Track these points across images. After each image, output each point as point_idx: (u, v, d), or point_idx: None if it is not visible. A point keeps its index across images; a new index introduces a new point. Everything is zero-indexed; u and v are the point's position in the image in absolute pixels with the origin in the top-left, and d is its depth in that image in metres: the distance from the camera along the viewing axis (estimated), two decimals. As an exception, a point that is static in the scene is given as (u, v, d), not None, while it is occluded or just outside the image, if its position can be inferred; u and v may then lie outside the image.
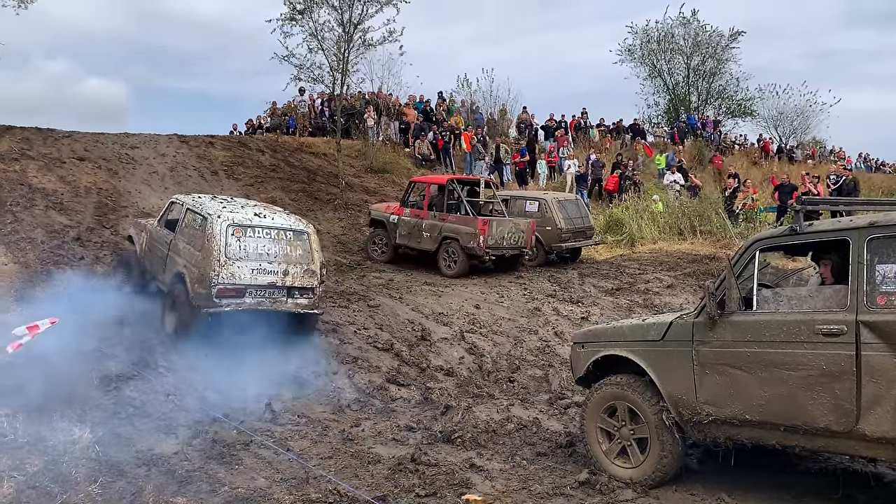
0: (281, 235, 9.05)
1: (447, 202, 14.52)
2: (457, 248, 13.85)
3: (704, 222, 17.68)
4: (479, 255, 13.65)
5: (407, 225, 14.57)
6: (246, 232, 8.80)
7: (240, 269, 8.62)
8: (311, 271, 9.13)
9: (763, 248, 4.95)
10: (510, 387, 8.78)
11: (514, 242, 14.16)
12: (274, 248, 8.92)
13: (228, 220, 8.77)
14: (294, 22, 18.01)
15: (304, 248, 9.20)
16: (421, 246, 14.47)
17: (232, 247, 8.63)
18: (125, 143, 19.33)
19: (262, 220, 9.09)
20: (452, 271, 13.82)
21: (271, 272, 8.82)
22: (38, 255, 11.98)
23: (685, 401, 5.13)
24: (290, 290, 8.96)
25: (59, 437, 6.26)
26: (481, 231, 13.44)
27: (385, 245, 15.07)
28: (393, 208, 15.11)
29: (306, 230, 9.39)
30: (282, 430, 7.05)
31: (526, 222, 14.55)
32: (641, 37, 34.76)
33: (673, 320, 5.31)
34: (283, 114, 25.29)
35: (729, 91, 35.45)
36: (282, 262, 8.91)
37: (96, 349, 8.30)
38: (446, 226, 14.05)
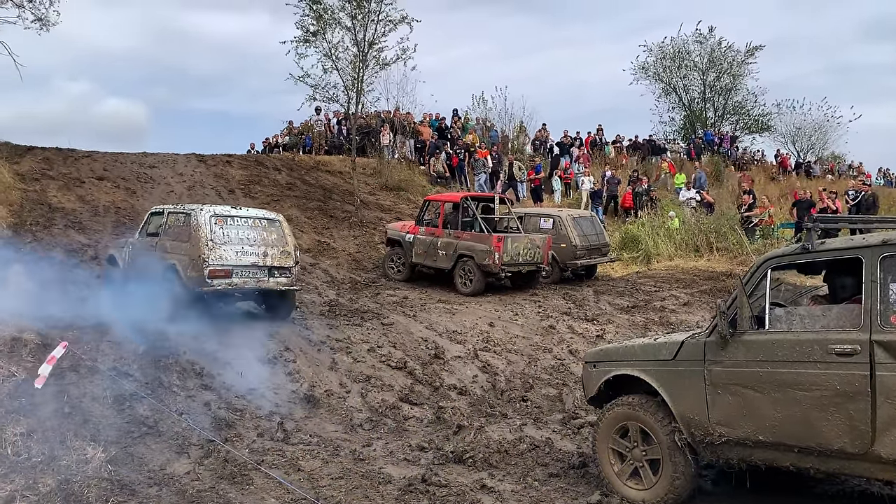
0: (256, 223, 10.36)
1: (462, 220, 14.55)
2: (472, 265, 13.84)
3: (721, 239, 17.57)
4: (494, 272, 13.64)
5: (423, 244, 14.60)
6: (227, 221, 10.07)
7: (226, 252, 9.82)
8: (286, 252, 10.38)
9: (775, 267, 4.90)
10: (523, 406, 8.72)
11: (531, 258, 14.12)
12: (252, 234, 10.19)
13: (211, 212, 10.09)
14: (308, 44, 18.22)
15: (278, 233, 10.48)
16: (437, 264, 14.50)
17: (217, 234, 9.87)
18: (144, 163, 19.61)
19: (239, 212, 10.52)
20: (468, 289, 13.79)
21: (253, 254, 10.05)
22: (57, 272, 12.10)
23: (697, 421, 5.06)
24: (270, 270, 10.18)
25: (72, 457, 6.29)
26: (496, 248, 13.42)
27: (402, 264, 15.11)
28: (409, 227, 15.18)
29: (277, 218, 10.74)
30: (293, 449, 7.03)
31: (542, 238, 14.51)
32: (656, 54, 34.78)
33: (685, 339, 5.26)
34: (300, 133, 25.52)
35: (746, 107, 35.31)
36: (260, 245, 10.16)
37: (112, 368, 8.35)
38: (461, 243, 14.07)
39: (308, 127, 25.14)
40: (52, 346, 8.45)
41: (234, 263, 9.88)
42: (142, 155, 20.29)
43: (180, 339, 9.27)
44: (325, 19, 18.12)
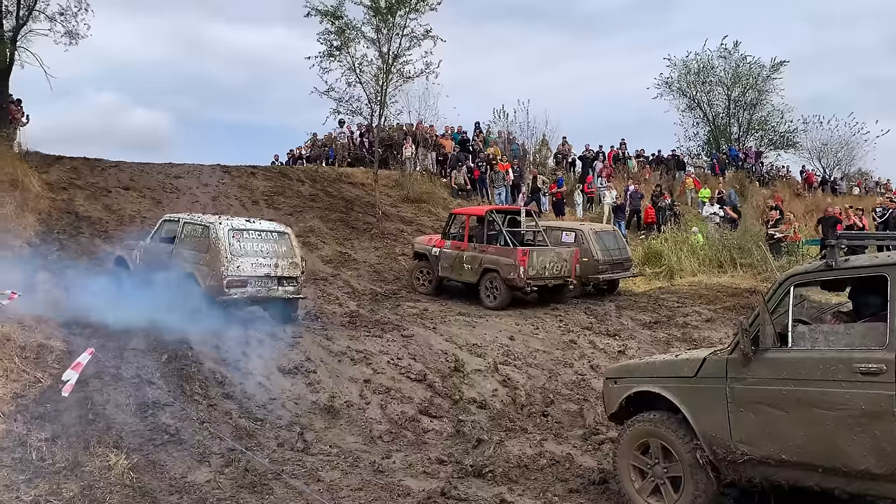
0: (269, 236, 11.10)
1: (487, 233, 14.43)
2: (497, 279, 13.70)
3: (745, 255, 17.41)
4: (519, 286, 13.52)
5: (448, 257, 14.54)
6: (243, 234, 10.74)
7: (243, 264, 10.49)
8: (294, 263, 11.15)
9: (798, 284, 4.86)
10: (544, 421, 8.68)
11: (557, 272, 13.99)
12: (265, 247, 10.90)
13: (229, 226, 10.71)
14: (332, 58, 18.39)
15: (287, 245, 11.22)
16: (462, 278, 14.43)
17: (234, 246, 10.51)
18: (169, 173, 19.86)
19: (253, 225, 11.21)
20: (494, 303, 13.68)
21: (266, 265, 10.77)
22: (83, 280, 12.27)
23: (719, 439, 5.02)
24: (279, 280, 10.93)
25: (95, 463, 6.37)
26: (521, 262, 13.32)
27: (428, 278, 15.05)
28: (435, 241, 15.11)
29: (287, 231, 11.52)
30: (313, 460, 7.06)
31: (569, 251, 14.38)
32: (680, 69, 34.66)
33: (706, 356, 5.22)
34: (324, 145, 25.72)
35: (771, 122, 35.05)
36: (272, 257, 10.88)
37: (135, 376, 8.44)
38: (486, 257, 13.97)
39: (331, 139, 25.33)
40: (77, 353, 8.58)
41: (249, 274, 10.55)
42: (168, 165, 20.54)
43: (200, 344, 9.37)
44: (348, 34, 18.30)
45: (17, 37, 18.57)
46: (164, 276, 10.79)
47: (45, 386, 7.69)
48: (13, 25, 18.53)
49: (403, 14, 18.27)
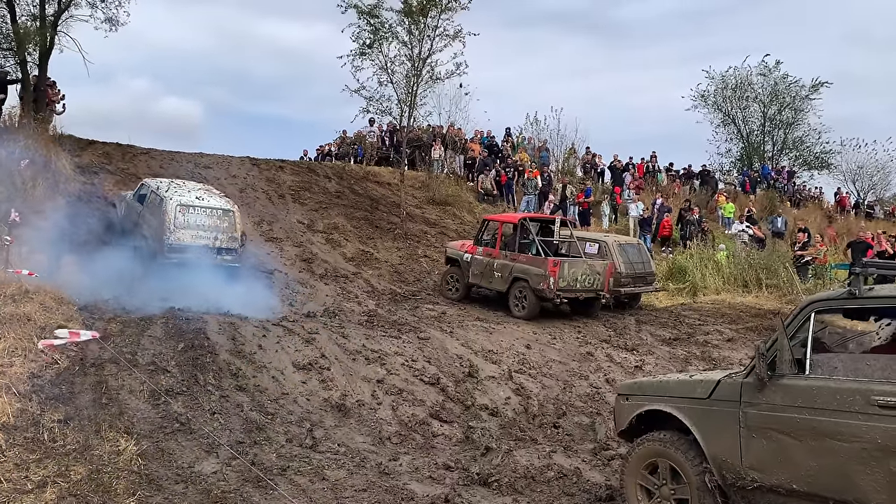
0: (213, 213, 12.83)
1: (520, 241, 14.21)
2: (527, 289, 13.47)
3: (771, 275, 17.14)
4: (549, 297, 13.27)
5: (479, 264, 14.39)
6: (189, 210, 12.55)
7: (183, 235, 12.38)
8: (234, 237, 12.95)
9: (819, 311, 4.74)
10: (554, 433, 8.59)
11: (589, 285, 13.71)
12: (208, 221, 12.70)
13: (178, 202, 12.53)
14: (364, 56, 18.45)
15: (230, 221, 12.97)
16: (492, 286, 14.25)
17: (178, 220, 12.41)
18: (199, 163, 20.05)
19: (201, 203, 12.83)
20: (522, 313, 13.47)
21: (205, 237, 12.60)
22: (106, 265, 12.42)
23: (729, 464, 4.92)
24: (218, 250, 12.69)
25: (105, 447, 6.42)
26: (551, 272, 13.08)
27: (458, 284, 14.91)
28: (467, 246, 14.97)
29: (231, 209, 13.19)
30: (320, 457, 7.05)
31: (602, 263, 14.14)
32: (717, 83, 34.28)
33: (721, 378, 5.12)
34: (353, 142, 25.80)
35: (807, 142, 34.52)
36: (213, 231, 12.70)
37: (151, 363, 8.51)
38: (517, 266, 13.77)
39: (360, 137, 25.41)
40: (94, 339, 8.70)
41: (188, 244, 12.44)
42: (197, 155, 20.75)
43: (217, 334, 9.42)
44: (382, 33, 18.35)
45: (59, 22, 18.88)
46: (133, 230, 13.23)
47: (62, 367, 7.78)
48: (55, 10, 18.85)
49: (435, 14, 18.28)
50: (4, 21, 18.76)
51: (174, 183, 13.70)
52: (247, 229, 16.28)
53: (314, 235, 17.24)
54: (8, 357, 7.53)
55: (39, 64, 18.85)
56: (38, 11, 18.75)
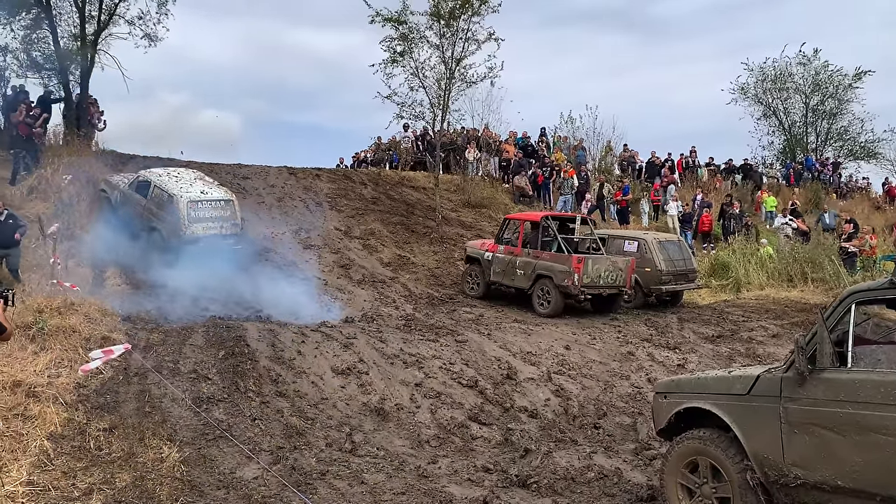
0: (217, 204, 14.27)
1: (542, 239, 14.34)
2: (550, 286, 13.63)
3: (816, 269, 16.71)
4: (573, 293, 13.43)
5: (501, 262, 14.55)
6: (197, 205, 14.01)
7: (196, 228, 13.80)
8: (236, 224, 14.38)
9: (860, 301, 4.60)
10: (595, 433, 8.49)
11: (612, 281, 13.81)
12: (214, 213, 14.14)
13: (187, 199, 13.91)
14: (395, 63, 18.55)
15: (231, 210, 14.41)
16: (515, 283, 14.40)
17: (191, 215, 13.80)
18: (238, 174, 20.36)
19: (206, 196, 14.30)
20: (546, 310, 13.64)
21: (214, 227, 14.00)
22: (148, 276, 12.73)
23: (771, 461, 4.80)
24: (224, 237, 14.01)
25: (148, 454, 6.55)
26: (576, 269, 13.21)
27: (479, 281, 15.11)
28: (488, 245, 15.14)
29: (231, 199, 14.68)
30: (359, 461, 7.09)
31: (625, 260, 14.16)
32: (757, 75, 33.64)
33: (760, 374, 5.00)
34: (388, 148, 25.94)
35: (852, 132, 33.65)
36: (219, 221, 14.11)
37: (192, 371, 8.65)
38: (540, 263, 13.91)
39: (395, 143, 25.54)
40: (138, 347, 8.88)
41: (201, 235, 13.79)
42: (236, 166, 21.06)
43: (257, 341, 9.53)
44: (412, 39, 18.43)
45: (99, 40, 19.38)
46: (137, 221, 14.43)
47: (107, 377, 7.96)
48: (95, 29, 19.34)
49: (466, 18, 18.29)
50: (47, 42, 19.34)
51: (173, 176, 14.98)
52: (285, 237, 16.58)
53: (351, 242, 17.37)
54: (55, 368, 7.74)
55: (81, 82, 19.38)
56: (78, 31, 19.28)
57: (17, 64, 19.63)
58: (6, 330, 5.65)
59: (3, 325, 5.59)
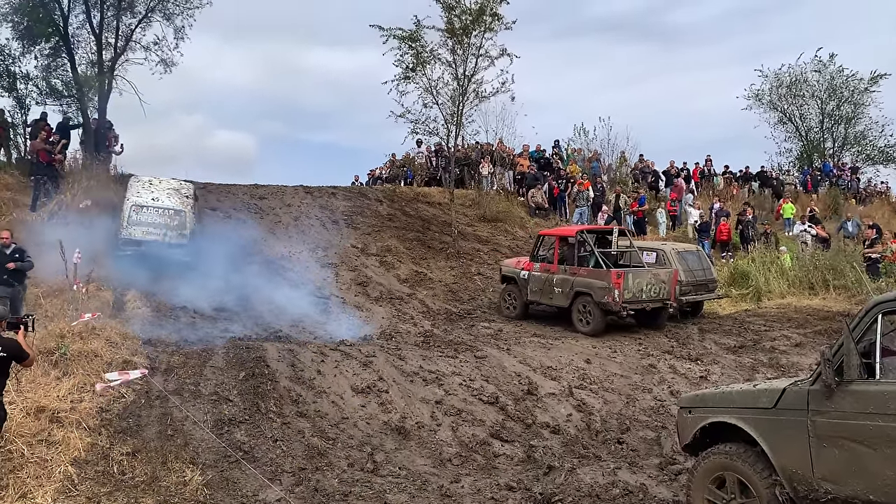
0: (165, 212, 14.61)
1: (578, 254, 13.90)
2: (590, 303, 13.15)
3: (838, 276, 16.49)
4: (615, 310, 12.97)
5: (538, 280, 14.15)
6: (142, 210, 14.47)
7: (135, 231, 14.33)
8: (183, 234, 14.64)
9: (886, 312, 4.53)
10: (619, 448, 8.41)
11: (655, 295, 13.45)
12: (160, 220, 14.51)
13: (133, 203, 14.53)
14: (408, 80, 18.63)
15: (181, 220, 14.67)
16: (553, 302, 14.00)
17: (132, 218, 14.38)
18: (254, 194, 20.50)
19: (154, 203, 14.65)
20: (588, 328, 13.22)
21: (156, 234, 14.40)
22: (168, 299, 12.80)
23: (800, 475, 4.72)
24: (168, 245, 14.39)
25: (171, 478, 6.55)
26: (616, 284, 12.77)
27: (516, 301, 14.73)
28: (523, 263, 14.73)
29: (183, 209, 14.84)
30: (382, 481, 7.06)
31: (667, 272, 13.85)
32: (772, 81, 33.48)
33: (786, 387, 4.94)
34: (402, 165, 26.03)
35: (870, 137, 33.35)
36: (163, 228, 14.47)
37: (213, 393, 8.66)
38: (578, 280, 13.47)
39: (409, 159, 25.62)
40: (159, 370, 8.92)
41: (140, 238, 14.33)
42: (252, 187, 21.22)
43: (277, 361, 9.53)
44: (424, 57, 18.50)
45: (115, 67, 19.65)
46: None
47: (129, 401, 7.98)
48: (112, 56, 19.63)
49: (479, 34, 18.36)
50: (65, 70, 19.64)
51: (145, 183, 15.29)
52: (302, 256, 16.64)
53: (368, 259, 17.40)
54: (78, 393, 7.77)
55: (99, 108, 19.63)
56: (95, 58, 19.56)
57: (38, 91, 20.00)
58: (28, 356, 5.73)
59: (25, 351, 5.66)
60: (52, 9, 19.14)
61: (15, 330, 5.76)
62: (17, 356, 5.62)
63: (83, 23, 19.66)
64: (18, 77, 19.75)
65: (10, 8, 18.86)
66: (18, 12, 18.92)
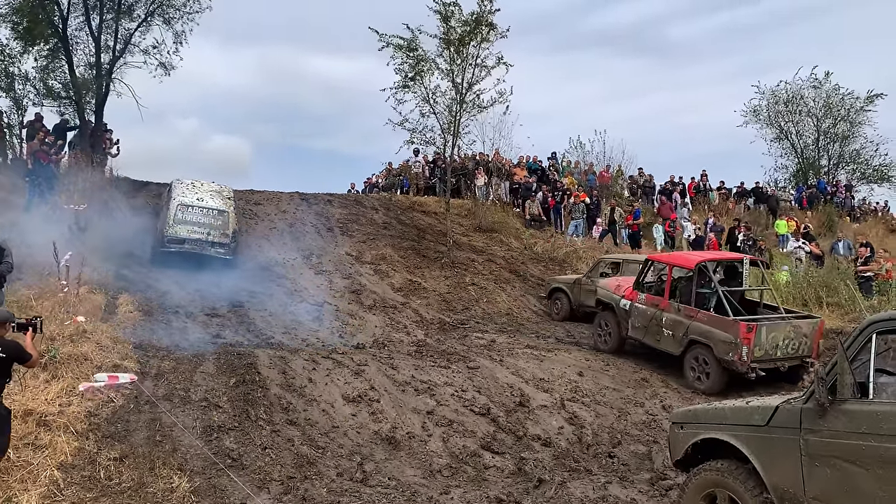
0: (210, 213, 15.16)
1: (697, 290, 11.46)
2: (709, 357, 10.86)
3: (832, 293, 16.48)
4: (741, 370, 10.61)
5: (642, 315, 12.04)
6: (188, 209, 14.98)
7: (180, 230, 14.80)
8: (226, 234, 15.23)
9: (881, 331, 4.52)
10: (609, 462, 8.39)
11: (793, 351, 10.96)
12: (204, 220, 15.06)
13: (179, 201, 14.99)
14: (407, 89, 18.63)
15: (224, 220, 15.28)
16: (660, 346, 11.77)
17: (178, 216, 14.86)
18: (250, 200, 20.46)
19: (200, 203, 15.21)
20: (703, 385, 11.00)
21: (199, 232, 14.95)
22: (160, 303, 12.74)
23: (792, 494, 4.70)
24: (212, 244, 14.97)
25: (159, 485, 6.49)
26: (745, 340, 10.40)
27: (611, 332, 12.78)
28: (625, 289, 12.60)
29: (226, 210, 15.48)
30: (371, 491, 7.01)
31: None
32: (768, 97, 33.68)
33: (779, 405, 4.92)
34: (398, 174, 26.03)
35: (864, 155, 33.55)
36: (207, 228, 15.03)
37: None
38: (694, 325, 11.13)
39: (406, 168, 25.63)
40: (149, 375, 8.86)
41: (185, 237, 14.81)
42: (248, 192, 21.17)
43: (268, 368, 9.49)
44: (422, 66, 18.51)
45: (114, 70, 19.65)
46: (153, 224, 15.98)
47: (118, 406, 7.92)
48: (110, 59, 19.63)
49: (476, 44, 18.39)
50: (63, 71, 19.62)
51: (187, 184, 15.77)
52: (296, 262, 16.60)
53: (362, 267, 17.36)
54: (66, 397, 7.70)
55: (96, 110, 19.62)
56: (93, 61, 19.55)
57: (35, 92, 19.96)
58: (32, 357, 5.71)
59: (28, 352, 5.64)
60: (51, 10, 19.13)
61: (24, 331, 5.77)
62: (19, 357, 5.61)
63: (82, 24, 19.72)
64: (17, 77, 19.72)
65: (9, 8, 18.86)
66: (18, 13, 18.91)
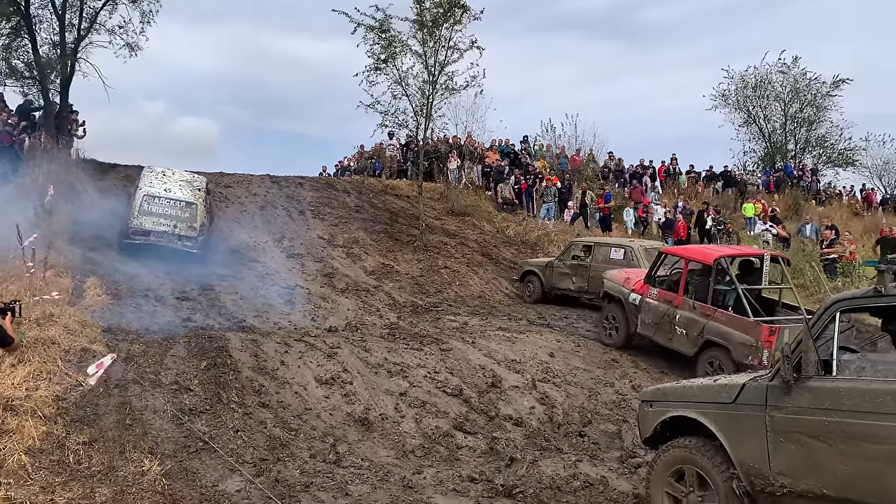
0: (176, 204, 14.53)
1: (714, 287, 10.81)
2: (726, 360, 10.09)
3: (797, 275, 16.80)
4: None
5: (653, 311, 11.40)
6: (154, 200, 14.41)
7: (146, 220, 14.25)
8: (192, 227, 14.54)
9: (844, 310, 4.63)
10: (580, 441, 8.50)
11: None
12: (171, 211, 14.44)
13: (144, 192, 14.46)
14: (379, 71, 18.49)
15: (192, 212, 14.61)
16: (672, 344, 11.10)
17: (144, 208, 14.32)
18: (220, 182, 20.22)
19: (167, 194, 14.60)
20: None
21: (166, 225, 14.33)
22: (129, 287, 12.58)
23: (757, 469, 4.81)
24: (178, 237, 14.37)
25: (129, 468, 6.44)
26: (766, 343, 9.62)
27: (618, 327, 12.29)
28: (634, 282, 12.00)
29: (195, 202, 14.78)
30: (344, 472, 7.03)
31: None
32: (737, 82, 34.02)
33: (746, 382, 5.02)
34: (371, 157, 25.90)
35: (830, 140, 34.09)
36: (173, 220, 14.39)
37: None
38: (710, 325, 10.39)
39: (378, 151, 25.51)
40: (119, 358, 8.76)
41: (150, 229, 14.27)
42: (218, 175, 20.92)
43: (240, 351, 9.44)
44: (395, 47, 18.38)
45: (79, 49, 19.21)
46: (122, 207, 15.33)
47: (86, 389, 7.82)
48: (75, 38, 19.19)
49: (449, 27, 18.29)
50: (26, 50, 19.15)
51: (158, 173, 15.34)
52: (267, 246, 16.48)
53: (335, 250, 17.29)
54: (33, 381, 7.59)
55: (61, 91, 19.20)
56: (58, 39, 19.11)
57: (-4, 71, 19.46)
58: (13, 341, 5.61)
59: (10, 336, 5.55)
60: (12, -13, 18.64)
61: (3, 316, 5.65)
62: (2, 341, 5.51)
63: (46, 2, 19.21)
64: (-24, 57, 19.22)
65: (-33, -15, 18.34)
66: (-23, -10, 18.41)
